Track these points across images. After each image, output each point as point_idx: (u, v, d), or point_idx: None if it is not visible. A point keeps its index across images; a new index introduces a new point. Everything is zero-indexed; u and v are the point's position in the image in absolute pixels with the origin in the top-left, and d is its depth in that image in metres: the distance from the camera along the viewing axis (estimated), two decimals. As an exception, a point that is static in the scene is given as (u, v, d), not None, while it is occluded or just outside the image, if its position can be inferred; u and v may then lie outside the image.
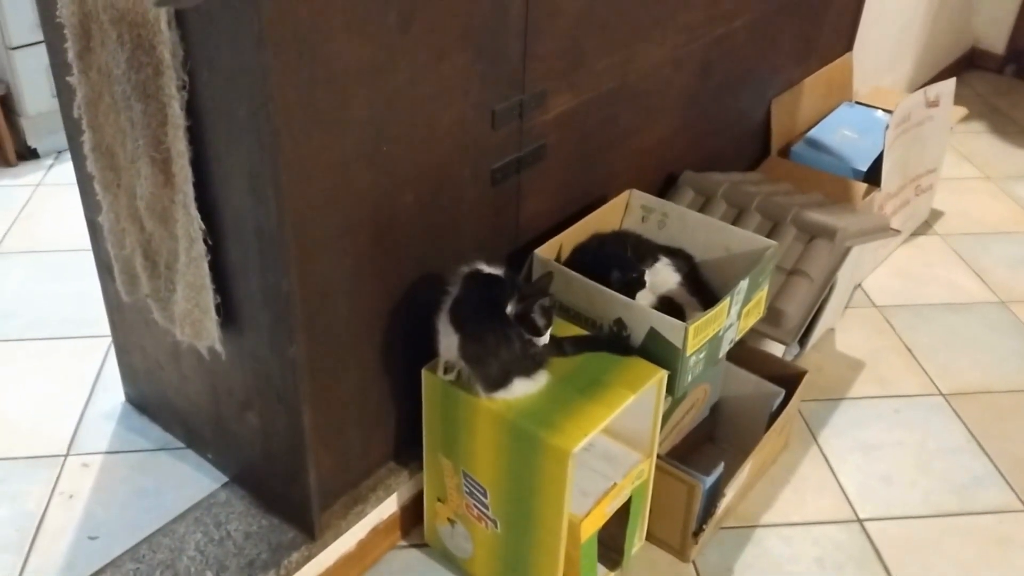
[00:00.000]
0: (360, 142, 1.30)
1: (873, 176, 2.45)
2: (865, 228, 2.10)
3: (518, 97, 1.55)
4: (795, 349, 2.22)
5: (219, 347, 1.45)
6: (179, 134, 1.28)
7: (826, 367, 2.26)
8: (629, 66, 1.81)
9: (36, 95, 2.73)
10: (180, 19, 1.20)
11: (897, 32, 3.28)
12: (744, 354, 1.90)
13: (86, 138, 1.43)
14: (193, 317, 1.45)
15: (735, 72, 2.25)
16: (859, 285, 2.60)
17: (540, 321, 1.41)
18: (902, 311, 2.50)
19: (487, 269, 1.45)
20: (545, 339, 1.44)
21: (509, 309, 1.40)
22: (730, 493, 1.74)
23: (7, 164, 2.80)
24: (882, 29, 3.08)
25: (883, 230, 2.20)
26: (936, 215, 2.97)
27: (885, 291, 2.58)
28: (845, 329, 2.40)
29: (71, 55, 1.36)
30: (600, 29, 1.67)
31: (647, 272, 1.67)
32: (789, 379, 1.88)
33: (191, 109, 1.27)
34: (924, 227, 2.91)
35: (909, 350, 2.35)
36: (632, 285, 1.60)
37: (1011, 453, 2.03)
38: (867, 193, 2.38)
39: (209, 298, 1.41)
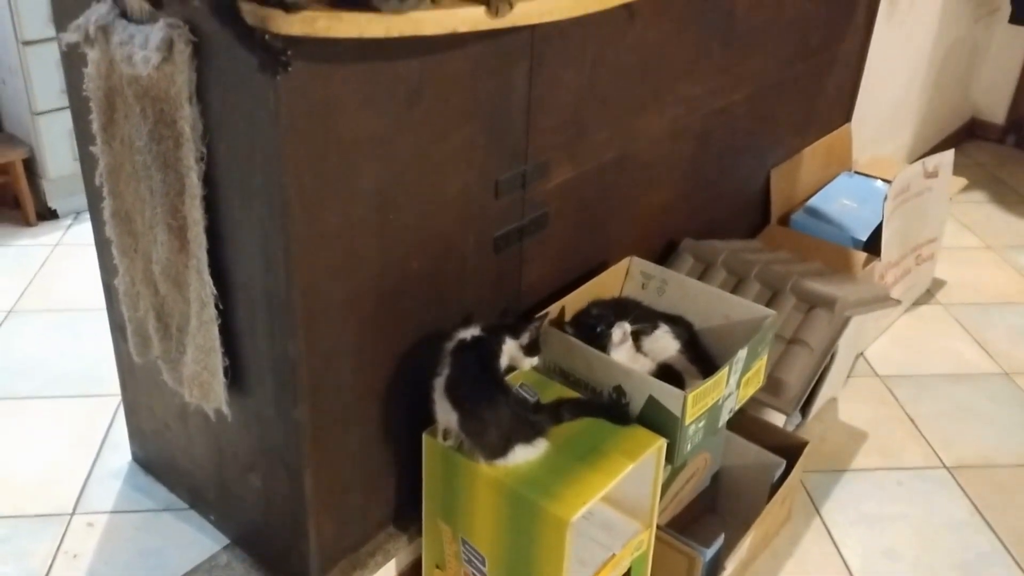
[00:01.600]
0: (368, 211, 1.36)
1: (873, 245, 2.49)
2: (865, 298, 2.13)
3: (521, 168, 1.60)
4: (796, 419, 2.23)
5: (225, 409, 1.48)
6: (196, 203, 1.34)
7: (828, 437, 2.27)
8: (629, 137, 1.87)
9: (58, 158, 2.81)
10: (201, 94, 1.26)
11: (895, 103, 3.36)
12: (745, 423, 1.92)
13: (106, 205, 1.49)
14: (201, 379, 1.49)
15: (734, 143, 2.31)
16: (861, 354, 2.62)
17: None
18: (905, 381, 2.51)
19: (470, 334, 1.48)
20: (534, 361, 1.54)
21: (504, 358, 1.44)
22: (731, 566, 1.74)
23: (27, 224, 2.87)
24: (880, 100, 3.16)
25: (883, 300, 2.23)
26: (938, 284, 3.00)
27: (887, 361, 2.59)
28: (847, 399, 2.41)
29: (96, 126, 1.43)
30: (601, 102, 1.74)
31: (646, 339, 1.70)
32: (791, 449, 1.89)
33: (208, 179, 1.33)
34: (926, 296, 2.94)
35: (912, 421, 2.35)
36: (599, 339, 1.64)
37: (1017, 529, 2.02)
38: (867, 262, 2.42)
39: (218, 360, 1.45)
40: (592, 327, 1.67)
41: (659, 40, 1.81)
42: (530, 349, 1.54)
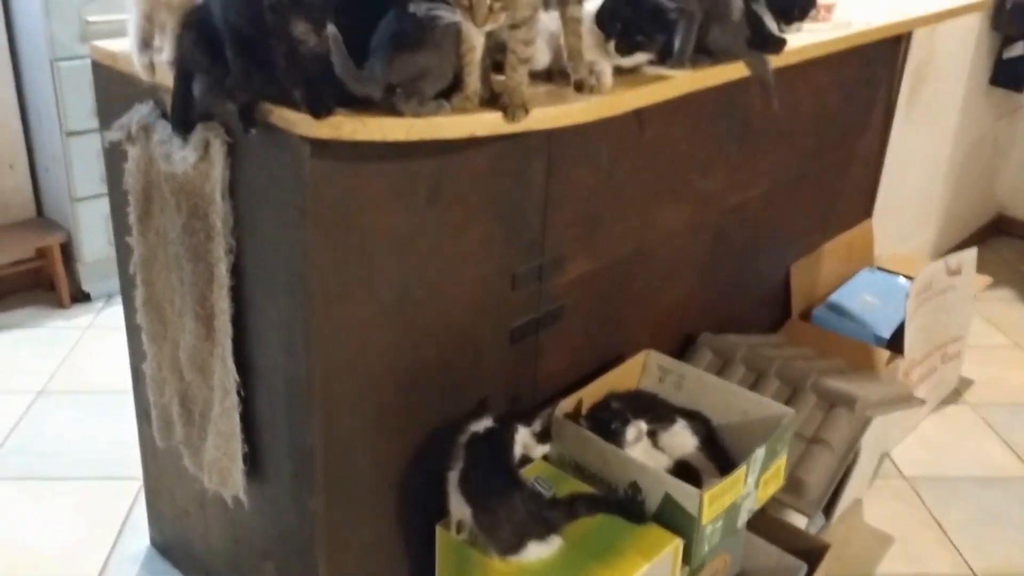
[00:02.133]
0: (387, 303, 1.39)
1: (896, 343, 2.48)
2: (887, 397, 2.12)
3: (537, 261, 1.64)
4: (819, 520, 2.19)
5: (243, 496, 1.50)
6: (223, 293, 1.39)
7: (852, 540, 2.22)
8: (646, 232, 1.91)
9: (93, 243, 2.91)
10: (233, 190, 1.33)
11: (918, 199, 3.39)
12: (766, 524, 1.88)
13: (139, 293, 1.55)
14: (221, 465, 1.51)
15: (752, 238, 2.34)
16: (887, 455, 2.58)
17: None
18: (932, 484, 2.46)
19: (483, 426, 1.49)
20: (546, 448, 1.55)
21: (518, 447, 1.45)
22: (749, 667, 1.70)
23: (61, 306, 2.95)
24: (902, 196, 3.19)
25: (906, 399, 2.21)
26: (966, 384, 2.96)
27: (914, 462, 2.55)
28: (873, 501, 2.37)
29: (132, 218, 1.50)
30: (617, 198, 1.78)
31: (663, 434, 1.70)
32: (813, 552, 1.84)
33: (235, 270, 1.38)
34: (953, 396, 2.90)
35: (940, 525, 2.30)
36: (615, 434, 1.64)
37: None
38: (890, 360, 2.41)
39: (237, 447, 1.47)
40: (608, 422, 1.68)
41: (674, 138, 1.86)
42: (542, 436, 1.55)
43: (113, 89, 1.48)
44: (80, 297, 3.01)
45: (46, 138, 2.85)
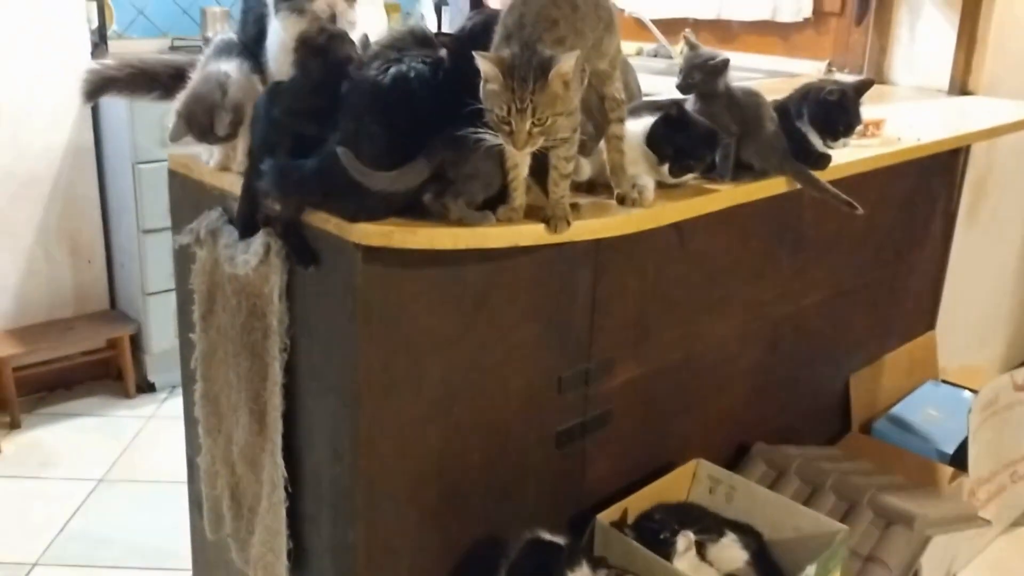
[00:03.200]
0: (432, 404, 1.42)
1: (961, 459, 2.39)
2: (949, 516, 2.04)
3: (584, 365, 1.65)
4: (878, 640, 2.09)
5: (286, 593, 1.51)
6: (276, 390, 1.43)
7: (915, 663, 2.11)
8: (696, 339, 1.91)
9: (162, 335, 3.02)
10: (289, 292, 1.39)
11: (984, 311, 3.31)
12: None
13: (198, 387, 1.61)
14: (266, 560, 1.53)
15: (808, 347, 2.32)
16: None
17: None
18: (1002, 607, 2.34)
19: (548, 537, 1.49)
20: None
21: None
22: None
23: (126, 396, 3.05)
24: (967, 308, 3.12)
25: (970, 519, 2.13)
26: (1038, 503, 2.83)
27: (982, 584, 2.43)
28: (937, 622, 2.25)
29: (196, 315, 1.57)
30: (664, 305, 1.79)
31: (711, 547, 1.67)
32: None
33: (289, 368, 1.43)
34: (1025, 516, 2.77)
35: (1010, 651, 2.17)
36: (662, 545, 1.61)
37: None
38: (954, 478, 2.32)
39: (283, 543, 1.49)
40: (655, 532, 1.65)
41: (723, 246, 1.88)
42: None
43: (186, 195, 1.58)
44: (145, 387, 3.11)
45: (124, 235, 3.01)
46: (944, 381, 2.85)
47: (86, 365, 3.09)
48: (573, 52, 1.16)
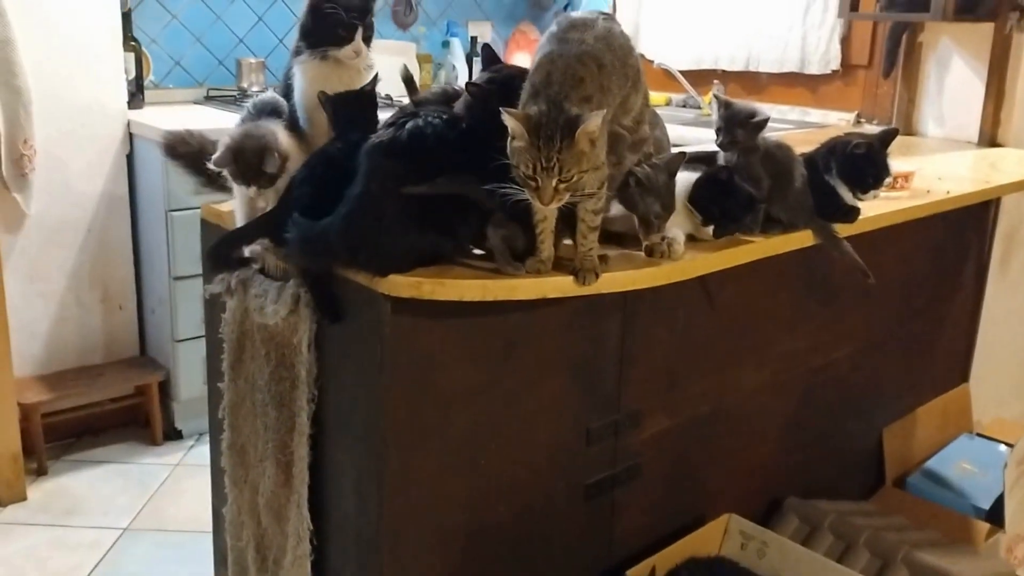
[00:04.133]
0: (459, 455, 1.41)
1: (997, 515, 2.33)
2: (986, 574, 1.99)
3: (613, 417, 1.64)
4: None
5: (310, 648, 1.49)
6: (303, 440, 1.43)
7: None
8: (726, 391, 1.89)
9: (191, 382, 3.03)
10: (318, 343, 1.39)
11: (1018, 362, 3.25)
12: None
13: (225, 437, 1.61)
14: (290, 614, 1.51)
15: (840, 399, 2.28)
16: (992, 634, 2.38)
17: None
18: (1044, 670, 2.26)
19: None
20: None
21: None
22: None
23: (153, 443, 3.06)
24: (1001, 360, 3.07)
25: (1008, 576, 2.07)
26: (1079, 561, 2.75)
27: (1023, 644, 2.35)
28: None
29: (225, 364, 1.57)
30: (695, 355, 1.78)
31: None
32: None
33: (316, 419, 1.42)
34: (1066, 574, 2.69)
35: None
36: None
37: None
38: (990, 534, 2.26)
39: (306, 597, 1.47)
40: None
41: (753, 298, 1.87)
42: None
43: (218, 244, 1.59)
44: (172, 435, 3.11)
45: (156, 281, 3.05)
46: (978, 434, 2.79)
47: (114, 411, 3.10)
48: (599, 111, 1.17)
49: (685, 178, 1.45)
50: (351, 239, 1.25)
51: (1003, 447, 2.67)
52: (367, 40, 1.42)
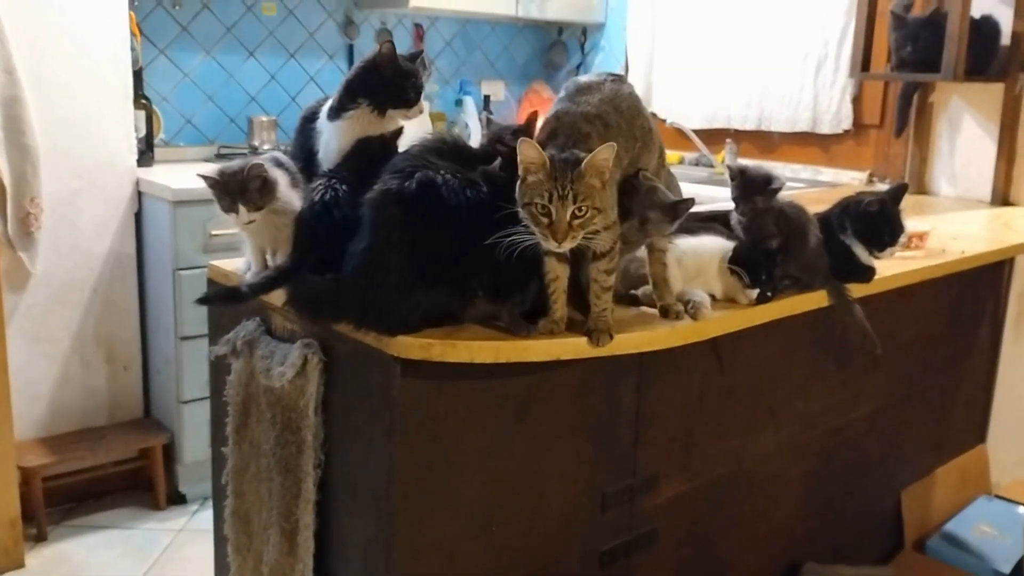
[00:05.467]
0: (470, 521, 1.37)
1: (1021, 580, 2.27)
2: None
3: (628, 481, 1.59)
4: None
5: None
6: (308, 508, 1.39)
7: None
8: (743, 452, 1.85)
9: (195, 445, 2.98)
10: (326, 406, 1.36)
11: (1037, 424, 3.20)
12: None
13: (228, 503, 1.56)
14: None
15: (858, 461, 2.23)
16: None
17: None
18: None
19: None
20: None
21: None
22: None
23: (156, 508, 3.00)
24: (1018, 420, 3.01)
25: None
26: (1108, 628, 2.66)
27: None
28: None
29: (230, 428, 1.54)
30: (711, 417, 1.74)
31: None
32: None
33: (322, 484, 1.39)
34: (1095, 642, 2.60)
35: None
36: None
37: None
38: (1016, 600, 2.20)
39: (311, 671, 1.42)
40: None
41: (769, 359, 1.84)
42: None
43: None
44: (176, 499, 3.05)
45: (161, 341, 3.02)
46: (997, 496, 2.74)
47: (117, 475, 3.04)
48: (610, 144, 1.17)
49: (712, 240, 1.44)
50: (358, 297, 1.23)
51: (1022, 509, 2.62)
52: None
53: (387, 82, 1.43)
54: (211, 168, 1.43)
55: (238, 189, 1.36)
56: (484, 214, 1.22)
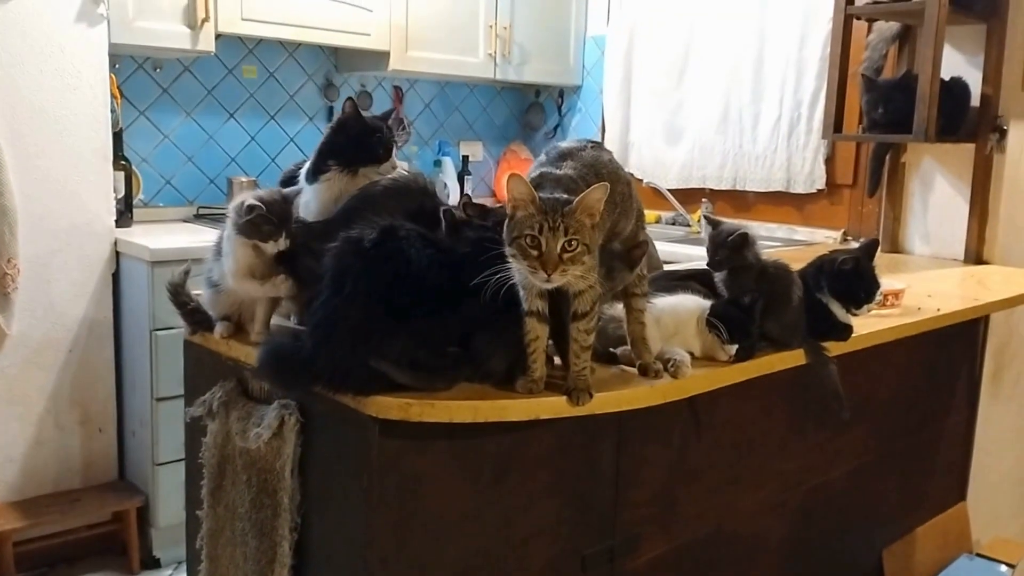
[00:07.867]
0: (450, 588, 1.34)
1: (1008, 641, 2.24)
2: None
3: (609, 542, 1.57)
4: None
5: None
6: (284, 572, 1.37)
7: None
8: (723, 512, 1.83)
9: (169, 508, 2.92)
10: (302, 468, 1.34)
11: (1016, 480, 3.20)
12: None
13: (203, 568, 1.54)
14: None
15: (838, 520, 2.22)
16: None
17: None
18: None
19: None
20: None
21: None
22: None
23: (130, 572, 2.92)
24: (998, 477, 3.02)
25: None
26: None
27: None
28: None
29: (205, 491, 1.52)
30: (691, 476, 1.73)
31: None
32: None
33: (298, 548, 1.36)
34: None
35: None
36: None
37: None
38: (1003, 662, 2.17)
39: None
40: None
41: (749, 417, 1.84)
42: None
43: (201, 366, 1.56)
44: (150, 563, 2.98)
45: (137, 402, 2.98)
46: (978, 554, 2.72)
47: (90, 539, 2.97)
48: (603, 184, 1.18)
49: (690, 299, 1.45)
50: (326, 357, 1.21)
51: (1004, 568, 2.61)
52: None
53: (354, 142, 1.48)
54: (250, 195, 1.44)
55: (284, 216, 1.39)
56: (448, 269, 1.23)
